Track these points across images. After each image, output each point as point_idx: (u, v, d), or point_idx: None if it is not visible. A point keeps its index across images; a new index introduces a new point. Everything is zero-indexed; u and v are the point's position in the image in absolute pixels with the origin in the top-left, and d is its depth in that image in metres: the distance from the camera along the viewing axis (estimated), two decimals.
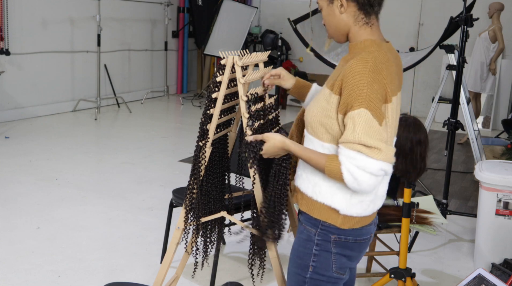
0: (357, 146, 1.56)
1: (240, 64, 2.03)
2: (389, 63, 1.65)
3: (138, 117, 7.75)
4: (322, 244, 1.72)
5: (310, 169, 1.74)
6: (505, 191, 3.20)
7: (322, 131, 1.69)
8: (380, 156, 1.55)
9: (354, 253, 1.76)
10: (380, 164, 1.56)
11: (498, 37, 7.09)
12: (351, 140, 1.57)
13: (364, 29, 1.71)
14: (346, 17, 1.71)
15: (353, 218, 1.70)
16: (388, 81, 1.61)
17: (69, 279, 3.05)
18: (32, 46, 7.19)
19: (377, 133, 1.56)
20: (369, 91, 1.57)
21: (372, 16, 1.71)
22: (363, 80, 1.57)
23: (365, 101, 1.56)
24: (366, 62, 1.60)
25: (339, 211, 1.68)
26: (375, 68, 1.59)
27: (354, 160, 1.56)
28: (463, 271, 3.33)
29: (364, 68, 1.58)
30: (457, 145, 6.84)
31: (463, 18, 3.88)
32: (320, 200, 1.71)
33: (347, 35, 1.74)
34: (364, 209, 1.70)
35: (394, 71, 1.67)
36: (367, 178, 1.56)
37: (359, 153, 1.56)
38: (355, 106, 1.57)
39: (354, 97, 1.57)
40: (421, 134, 2.58)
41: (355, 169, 1.56)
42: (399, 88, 1.73)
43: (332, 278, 1.75)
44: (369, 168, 1.55)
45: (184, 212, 2.24)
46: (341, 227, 1.70)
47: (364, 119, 1.56)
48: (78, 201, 4.27)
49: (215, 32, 8.07)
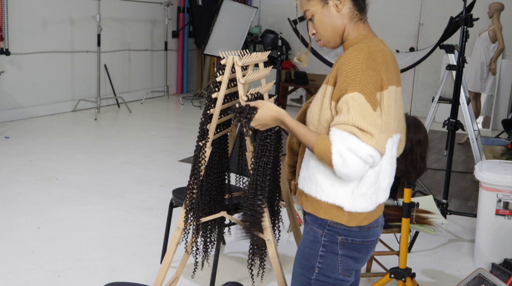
0: (351, 127, 1.55)
1: (240, 64, 2.03)
2: (384, 53, 1.66)
3: (138, 117, 7.75)
4: (328, 246, 1.71)
5: (312, 169, 1.72)
6: (505, 191, 3.20)
7: (325, 126, 1.67)
8: (371, 141, 1.54)
9: (360, 255, 1.75)
10: (370, 149, 1.54)
11: (498, 37, 7.09)
12: (345, 122, 1.56)
13: (358, 25, 1.74)
14: (342, 15, 1.73)
15: (359, 215, 1.69)
16: (383, 69, 1.62)
17: (69, 279, 3.05)
18: (32, 46, 7.19)
19: (371, 118, 1.56)
20: (363, 77, 1.57)
21: (363, 12, 1.75)
22: (357, 66, 1.59)
23: (359, 86, 1.57)
24: (360, 50, 1.62)
25: (344, 208, 1.67)
26: (370, 55, 1.61)
27: (346, 141, 1.55)
28: (463, 271, 3.33)
29: (358, 55, 1.60)
30: (457, 145, 6.84)
31: (463, 18, 3.88)
32: (324, 199, 1.69)
33: (342, 35, 1.76)
34: (368, 203, 1.68)
35: (390, 62, 1.67)
36: (356, 161, 1.54)
37: (351, 135, 1.55)
38: (349, 90, 1.57)
39: (349, 82, 1.58)
40: (421, 134, 2.58)
41: (345, 151, 1.55)
42: (398, 82, 1.72)
43: (338, 280, 1.74)
44: (360, 152, 1.54)
45: (184, 212, 2.24)
46: (347, 224, 1.68)
47: (358, 103, 1.56)
48: (78, 201, 4.27)
49: (215, 32, 8.07)
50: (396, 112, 1.69)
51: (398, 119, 1.73)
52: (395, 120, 1.68)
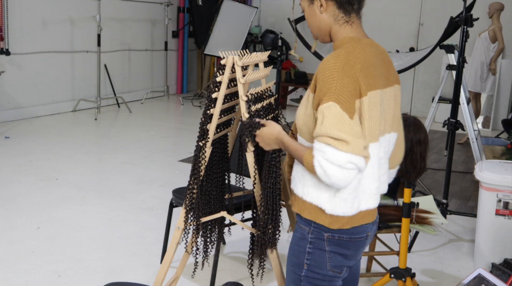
0: (325, 138, 1.57)
1: (240, 64, 2.03)
2: (366, 57, 1.66)
3: (138, 117, 7.75)
4: (315, 242, 1.73)
5: (300, 170, 1.75)
6: (505, 191, 3.20)
7: (306, 132, 1.72)
8: (346, 148, 1.55)
9: (350, 251, 1.75)
10: (347, 156, 1.55)
11: (498, 37, 7.09)
12: (320, 134, 1.58)
13: (344, 27, 1.74)
14: (326, 16, 1.74)
15: (341, 218, 1.70)
16: (362, 75, 1.62)
17: (69, 279, 3.05)
18: (32, 46, 7.19)
19: (346, 126, 1.57)
20: (338, 86, 1.58)
21: (352, 15, 1.74)
22: (333, 75, 1.59)
23: (334, 95, 1.58)
24: (337, 57, 1.63)
25: (325, 211, 1.69)
26: (347, 63, 1.61)
27: (323, 152, 1.57)
28: (463, 271, 3.33)
29: (335, 63, 1.61)
30: (457, 145, 6.85)
31: (463, 18, 3.87)
32: (309, 200, 1.72)
33: (330, 34, 1.77)
34: (349, 207, 1.69)
35: (375, 65, 1.68)
36: (335, 171, 1.56)
37: (327, 146, 1.57)
38: (325, 100, 1.59)
39: (324, 92, 1.60)
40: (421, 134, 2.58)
41: (324, 162, 1.57)
42: (389, 83, 1.73)
43: (327, 276, 1.75)
44: (336, 161, 1.55)
45: (184, 212, 2.24)
46: (330, 226, 1.70)
47: (333, 113, 1.57)
48: (78, 201, 4.27)
49: (215, 32, 8.07)
50: (385, 113, 1.71)
51: (388, 120, 1.74)
52: (382, 122, 1.70)
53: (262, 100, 2.14)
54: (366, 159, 1.60)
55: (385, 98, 1.71)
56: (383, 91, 1.70)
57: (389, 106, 1.74)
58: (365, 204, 1.73)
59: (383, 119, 1.72)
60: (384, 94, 1.71)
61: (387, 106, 1.73)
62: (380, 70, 1.70)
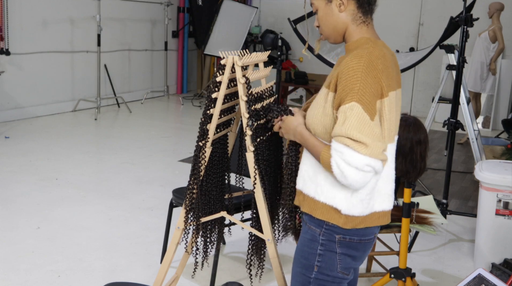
0: (345, 139, 1.56)
1: (240, 64, 2.03)
2: (385, 58, 1.66)
3: (138, 117, 7.75)
4: (327, 244, 1.72)
5: (312, 170, 1.74)
6: (505, 191, 3.20)
7: (322, 131, 1.70)
8: (365, 150, 1.55)
9: (358, 253, 1.76)
10: (365, 159, 1.55)
11: (498, 37, 7.09)
12: (339, 134, 1.58)
13: (360, 28, 1.74)
14: (344, 16, 1.73)
15: (356, 218, 1.70)
16: (384, 76, 1.62)
17: (69, 279, 3.05)
18: (32, 46, 7.19)
19: (367, 128, 1.56)
20: (362, 86, 1.58)
21: (368, 15, 1.75)
22: (356, 75, 1.58)
23: (357, 96, 1.57)
24: (360, 57, 1.61)
25: (341, 211, 1.68)
26: (370, 63, 1.60)
27: (341, 153, 1.57)
28: (463, 271, 3.33)
29: (358, 63, 1.60)
30: (457, 145, 6.84)
31: (463, 18, 3.88)
32: (323, 200, 1.70)
33: (344, 35, 1.76)
34: (365, 208, 1.70)
35: (391, 67, 1.68)
36: (353, 172, 1.56)
37: (346, 147, 1.56)
38: (347, 100, 1.58)
39: (347, 91, 1.59)
40: (421, 134, 2.58)
41: (341, 163, 1.57)
42: (398, 85, 1.74)
43: (337, 278, 1.75)
44: (354, 162, 1.55)
45: (184, 212, 2.24)
46: (344, 226, 1.69)
47: (355, 113, 1.57)
48: (78, 201, 4.27)
49: (215, 32, 8.07)
50: (397, 115, 1.72)
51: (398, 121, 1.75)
52: (395, 124, 1.71)
53: (262, 100, 2.14)
54: (383, 162, 1.60)
55: (397, 99, 1.72)
56: (397, 92, 1.71)
57: (398, 108, 1.75)
58: (380, 205, 1.74)
59: (397, 119, 1.73)
60: (397, 94, 1.72)
61: (398, 108, 1.75)
62: (394, 72, 1.71)
